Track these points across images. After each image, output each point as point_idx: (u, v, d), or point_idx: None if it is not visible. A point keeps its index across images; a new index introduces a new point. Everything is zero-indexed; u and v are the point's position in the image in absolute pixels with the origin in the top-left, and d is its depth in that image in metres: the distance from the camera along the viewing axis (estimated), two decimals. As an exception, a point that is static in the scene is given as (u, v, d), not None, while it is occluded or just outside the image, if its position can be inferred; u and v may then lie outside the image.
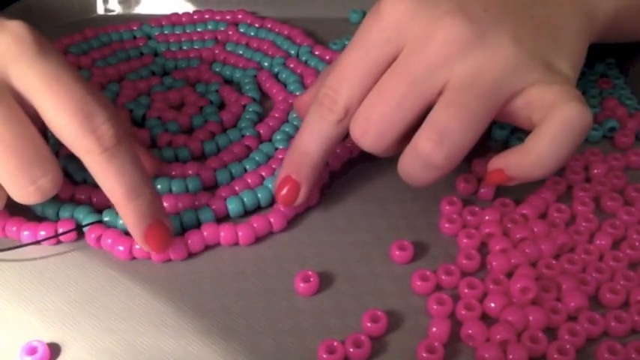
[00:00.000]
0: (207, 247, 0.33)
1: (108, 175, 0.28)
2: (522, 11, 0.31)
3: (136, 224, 0.29)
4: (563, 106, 0.28)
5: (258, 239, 0.33)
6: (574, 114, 0.28)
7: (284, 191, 0.32)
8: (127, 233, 0.32)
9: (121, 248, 0.32)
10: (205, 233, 0.32)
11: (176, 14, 0.51)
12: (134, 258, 0.32)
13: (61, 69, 0.28)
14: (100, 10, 0.54)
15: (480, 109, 0.28)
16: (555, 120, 0.28)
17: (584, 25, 0.33)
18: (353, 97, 0.30)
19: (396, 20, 0.30)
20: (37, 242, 0.32)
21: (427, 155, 0.29)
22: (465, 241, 0.32)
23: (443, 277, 0.30)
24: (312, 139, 0.32)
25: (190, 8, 0.53)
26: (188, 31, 0.50)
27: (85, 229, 0.33)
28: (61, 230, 0.32)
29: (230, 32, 0.49)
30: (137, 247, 0.32)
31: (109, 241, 0.32)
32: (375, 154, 0.31)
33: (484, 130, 0.29)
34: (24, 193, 0.28)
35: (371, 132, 0.30)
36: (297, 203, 0.33)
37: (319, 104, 0.31)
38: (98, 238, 0.32)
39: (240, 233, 0.33)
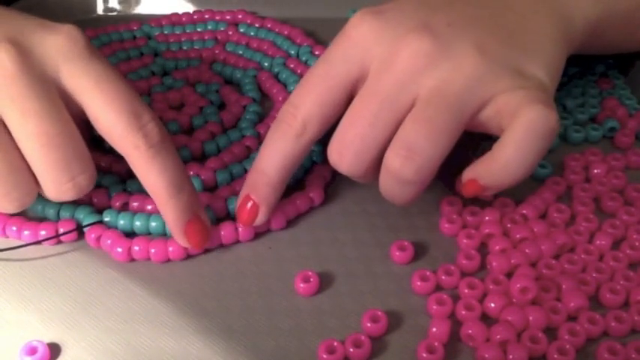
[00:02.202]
0: (207, 247, 0.33)
1: (152, 171, 0.29)
2: (490, 21, 0.31)
3: (177, 220, 0.30)
4: (526, 109, 0.28)
5: (258, 235, 0.33)
6: (536, 117, 0.27)
7: (244, 211, 0.32)
8: (127, 235, 0.32)
9: (119, 250, 0.31)
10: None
11: (176, 14, 0.51)
12: (132, 260, 0.32)
13: (109, 71, 0.29)
14: (100, 10, 0.54)
15: (448, 121, 0.28)
16: (518, 125, 0.28)
17: (560, 30, 0.32)
18: (312, 110, 0.30)
19: (361, 40, 0.30)
20: (38, 242, 0.32)
21: (397, 171, 0.28)
22: (465, 241, 0.32)
23: (443, 277, 0.30)
24: (270, 158, 0.31)
25: (190, 8, 0.53)
26: (188, 31, 0.50)
27: (85, 230, 0.33)
28: (61, 230, 0.32)
29: (230, 32, 0.49)
30: (141, 250, 0.32)
31: (109, 242, 0.32)
32: (355, 180, 0.31)
33: (454, 142, 0.29)
34: (61, 189, 0.29)
35: (347, 155, 0.29)
36: (256, 223, 0.32)
37: (280, 121, 0.31)
38: (98, 239, 0.32)
39: (239, 229, 0.33)
